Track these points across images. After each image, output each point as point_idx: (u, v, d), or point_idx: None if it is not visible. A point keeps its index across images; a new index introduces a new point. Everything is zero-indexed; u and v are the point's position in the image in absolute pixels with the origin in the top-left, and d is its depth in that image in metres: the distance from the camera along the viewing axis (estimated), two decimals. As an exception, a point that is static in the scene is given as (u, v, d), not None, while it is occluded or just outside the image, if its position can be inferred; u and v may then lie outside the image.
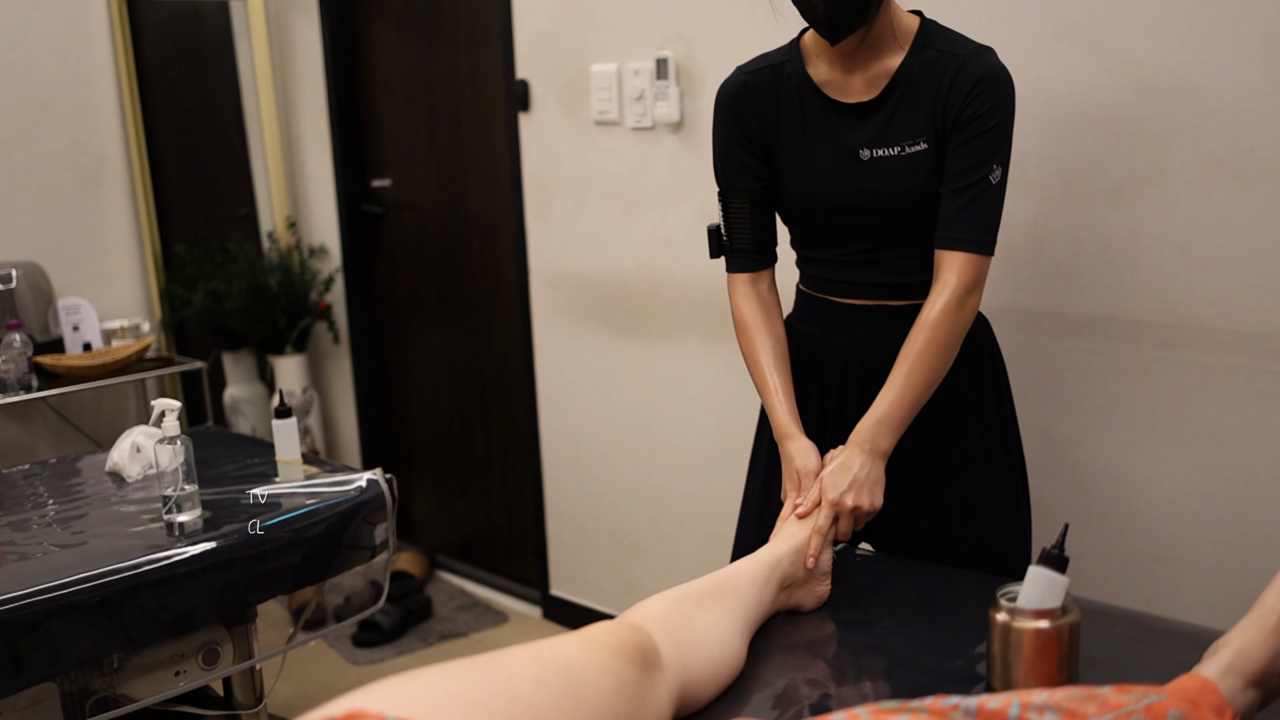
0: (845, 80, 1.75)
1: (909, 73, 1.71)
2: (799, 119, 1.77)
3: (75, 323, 3.46)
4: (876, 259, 1.80)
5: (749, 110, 1.80)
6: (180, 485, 2.04)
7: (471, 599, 3.75)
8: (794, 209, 1.83)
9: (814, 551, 1.57)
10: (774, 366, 1.82)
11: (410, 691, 0.90)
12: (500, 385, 3.66)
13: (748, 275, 1.87)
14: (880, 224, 1.76)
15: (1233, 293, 2.00)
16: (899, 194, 1.73)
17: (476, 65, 3.46)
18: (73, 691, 1.90)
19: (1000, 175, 1.69)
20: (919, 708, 0.96)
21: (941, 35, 1.73)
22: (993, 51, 1.71)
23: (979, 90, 1.66)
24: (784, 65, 1.79)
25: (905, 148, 1.71)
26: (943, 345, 1.67)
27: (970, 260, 1.68)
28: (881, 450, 1.66)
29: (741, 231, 1.85)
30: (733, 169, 1.84)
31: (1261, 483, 2.03)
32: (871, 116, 1.73)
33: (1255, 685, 1.16)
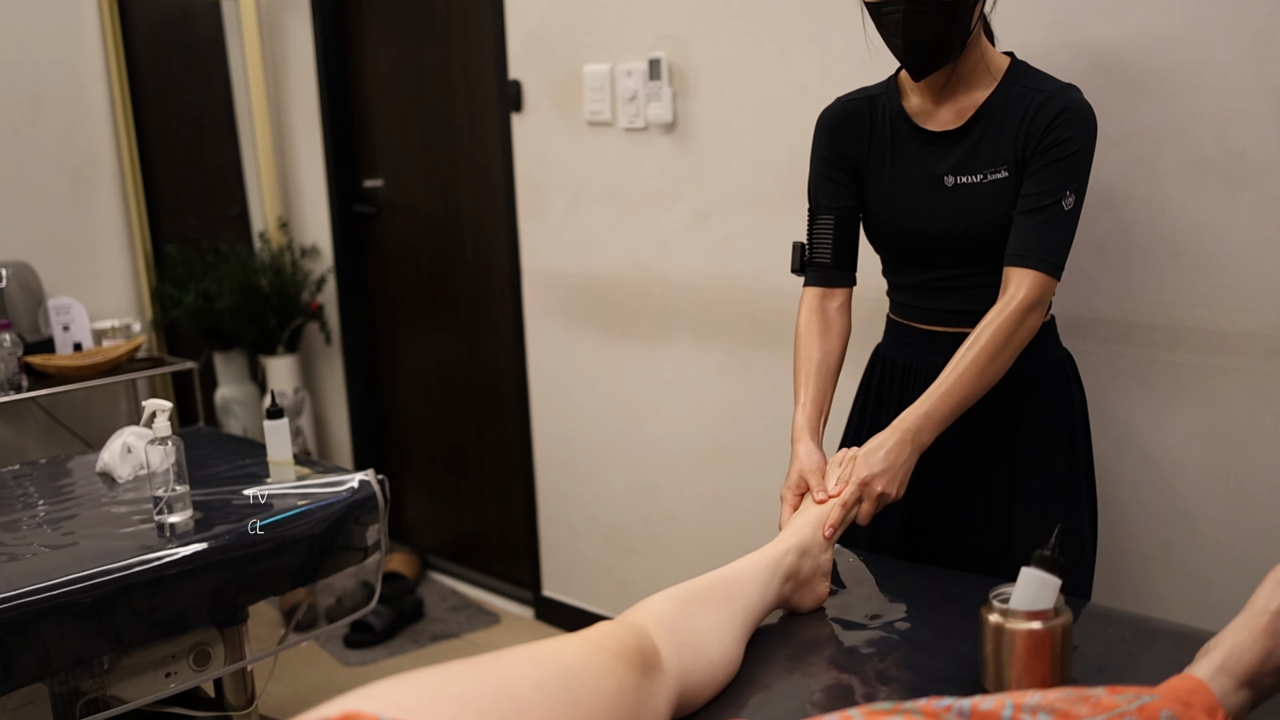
0: (935, 111, 1.82)
1: (995, 105, 1.77)
2: (888, 146, 1.85)
3: (66, 322, 3.45)
4: (960, 286, 1.84)
5: (844, 134, 1.89)
6: (171, 486, 2.03)
7: (463, 600, 3.74)
8: (881, 234, 1.89)
9: (834, 521, 1.58)
10: (809, 375, 1.86)
11: (406, 693, 0.90)
12: (492, 386, 3.66)
13: (819, 290, 1.92)
14: (962, 250, 1.81)
15: (1224, 294, 2.00)
16: (980, 220, 1.77)
17: (469, 65, 3.46)
18: (63, 693, 1.89)
19: (1074, 203, 1.72)
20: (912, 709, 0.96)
21: (1030, 73, 1.79)
22: (1078, 89, 1.76)
23: (1062, 120, 1.71)
24: (880, 97, 1.88)
25: (987, 175, 1.76)
26: (998, 351, 1.68)
27: (1036, 277, 1.70)
28: (922, 444, 1.67)
29: (822, 247, 1.91)
30: (823, 187, 1.91)
31: (1252, 484, 2.03)
32: (957, 145, 1.79)
33: (1247, 686, 1.16)
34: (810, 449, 1.76)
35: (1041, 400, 1.87)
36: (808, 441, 1.77)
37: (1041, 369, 1.86)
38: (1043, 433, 1.87)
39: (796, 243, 1.95)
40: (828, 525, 1.58)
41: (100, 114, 3.82)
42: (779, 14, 2.57)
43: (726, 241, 2.78)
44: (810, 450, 1.75)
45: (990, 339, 1.68)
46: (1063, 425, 1.89)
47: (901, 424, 1.67)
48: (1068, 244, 1.73)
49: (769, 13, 2.59)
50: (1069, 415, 1.90)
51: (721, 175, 2.76)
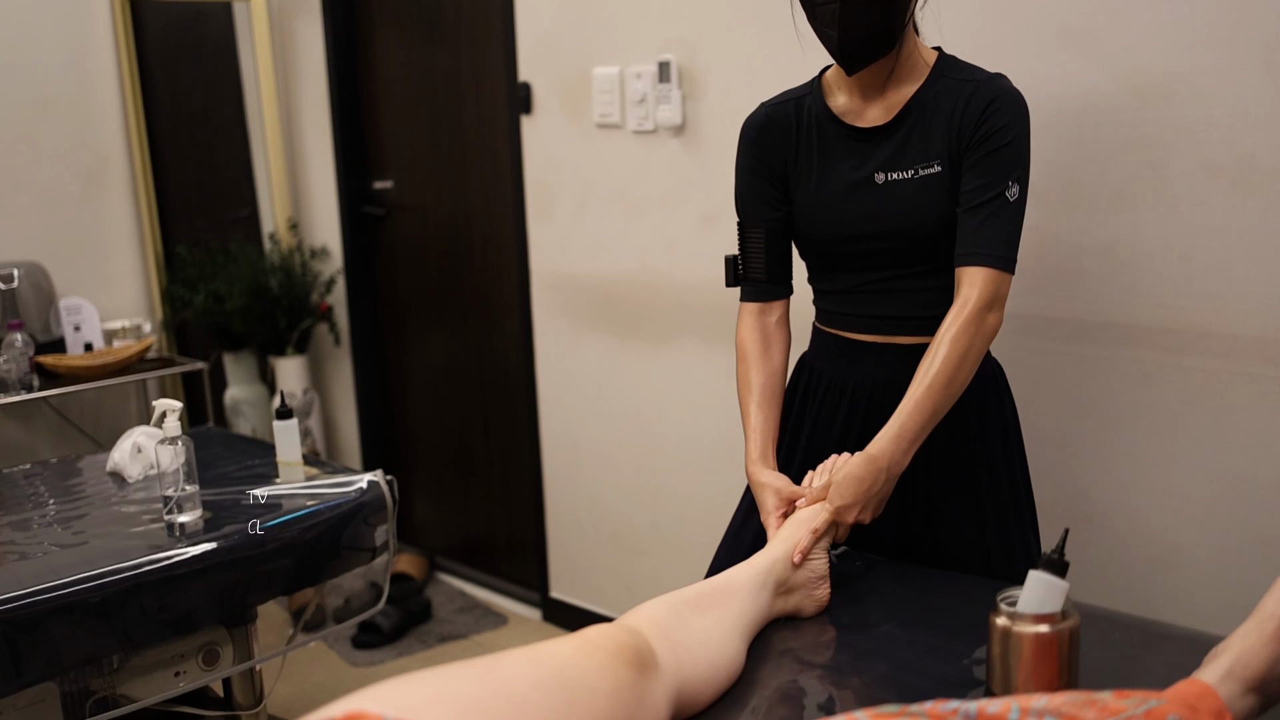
0: (863, 108, 1.78)
1: (924, 98, 1.73)
2: (815, 148, 1.80)
3: (77, 323, 3.46)
4: (890, 290, 1.80)
5: (770, 142, 1.84)
6: (181, 486, 2.04)
7: (471, 601, 3.75)
8: (810, 237, 1.84)
9: (803, 548, 1.56)
10: (756, 402, 1.85)
11: (409, 693, 0.91)
12: (501, 387, 3.66)
13: (757, 305, 1.90)
14: (894, 249, 1.77)
15: (1234, 298, 2.00)
16: (913, 217, 1.74)
17: (478, 67, 3.47)
18: (73, 691, 1.90)
19: (1018, 193, 1.69)
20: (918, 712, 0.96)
21: (957, 66, 1.77)
22: (1006, 78, 1.74)
23: (993, 109, 1.68)
24: (805, 98, 1.84)
25: (919, 170, 1.73)
26: (961, 359, 1.65)
27: (989, 275, 1.66)
28: (899, 466, 1.65)
29: (756, 261, 1.88)
30: (752, 199, 1.88)
31: (1261, 488, 2.03)
32: (886, 141, 1.75)
33: (1255, 691, 1.16)
34: (773, 474, 1.76)
35: (976, 403, 1.82)
36: (767, 470, 1.78)
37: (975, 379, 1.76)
38: (979, 440, 1.85)
39: (728, 256, 1.91)
40: (796, 551, 1.56)
41: (112, 115, 3.83)
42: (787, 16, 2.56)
43: (734, 245, 2.77)
44: (774, 474, 1.76)
45: (951, 345, 1.65)
46: (998, 432, 1.87)
47: (875, 452, 1.64)
48: (1017, 236, 1.70)
49: (778, 15, 2.59)
50: (1002, 421, 1.88)
51: (730, 178, 2.75)
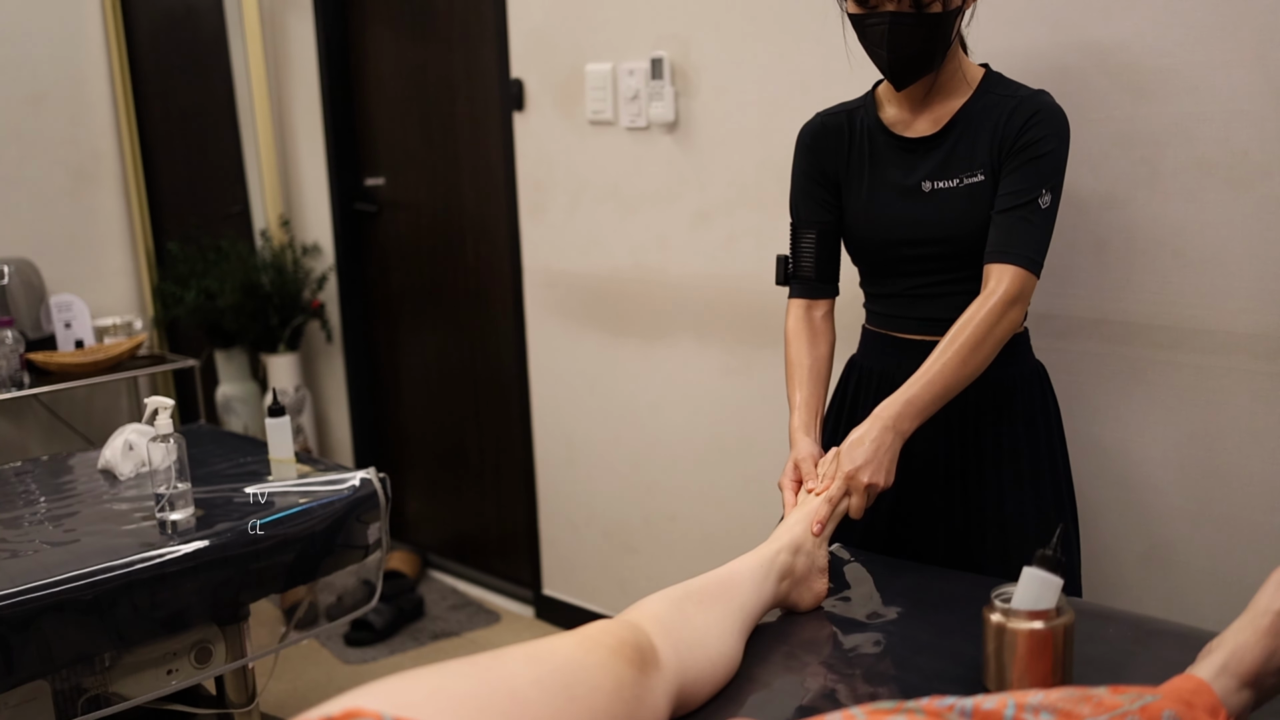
0: (912, 120, 1.85)
1: (970, 111, 1.81)
2: (866, 157, 1.88)
3: (67, 319, 3.45)
4: (938, 293, 1.86)
5: (823, 148, 1.92)
6: (173, 483, 2.03)
7: (464, 598, 3.74)
8: (860, 243, 1.92)
9: (821, 518, 1.59)
10: (801, 380, 1.91)
11: (408, 691, 0.90)
12: (493, 384, 3.66)
13: (804, 301, 1.97)
14: (940, 255, 1.83)
15: (1226, 294, 2.01)
16: (957, 225, 1.79)
17: (471, 64, 3.46)
18: (64, 689, 1.89)
19: (1050, 201, 1.74)
20: (915, 708, 0.96)
21: (1004, 82, 1.84)
22: (1050, 94, 1.80)
23: (1035, 121, 1.75)
24: (857, 110, 1.91)
25: (964, 179, 1.79)
26: (979, 343, 1.70)
27: (1015, 272, 1.72)
28: (903, 430, 1.67)
29: (806, 260, 1.95)
30: (805, 202, 1.95)
31: (1254, 484, 2.03)
32: (933, 151, 1.82)
33: (1249, 686, 1.16)
34: (807, 442, 1.81)
35: (1021, 407, 1.88)
36: (805, 438, 1.82)
37: (1019, 377, 1.89)
38: (1025, 440, 1.88)
39: (780, 255, 1.99)
40: (815, 522, 1.59)
41: (102, 111, 3.82)
42: (781, 14, 2.57)
43: (728, 241, 2.78)
44: (807, 443, 1.81)
45: (972, 332, 1.70)
46: (1042, 432, 1.91)
47: (882, 412, 1.68)
48: (1046, 242, 1.75)
49: (771, 12, 2.59)
50: (1047, 422, 1.92)
51: (723, 175, 2.76)
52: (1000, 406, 1.87)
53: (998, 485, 1.88)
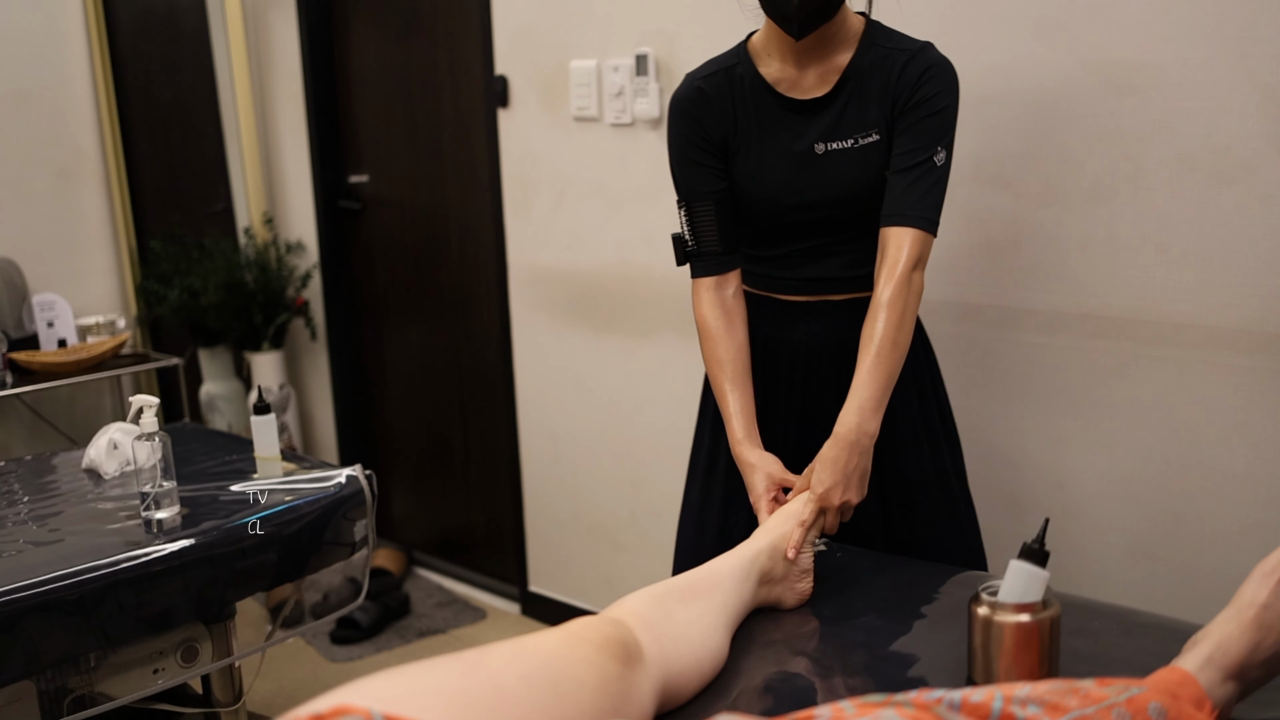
0: (798, 78, 1.79)
1: (859, 68, 1.76)
2: (754, 119, 1.81)
3: (50, 319, 3.44)
4: (825, 254, 1.84)
5: (707, 115, 1.82)
6: (158, 482, 2.02)
7: (450, 596, 3.74)
8: (750, 208, 1.85)
9: (795, 544, 1.57)
10: (730, 379, 1.83)
11: (396, 687, 0.90)
12: (479, 382, 3.66)
13: (713, 280, 1.87)
14: (834, 217, 1.80)
15: (1209, 289, 2.02)
16: (854, 185, 1.77)
17: (455, 61, 3.46)
18: (50, 690, 1.88)
19: (945, 159, 1.73)
20: (903, 701, 0.96)
21: (887, 33, 1.79)
22: (934, 46, 1.77)
23: (927, 77, 1.73)
24: (735, 68, 1.83)
25: (858, 140, 1.76)
26: (902, 320, 1.69)
27: (916, 236, 1.70)
28: (869, 435, 1.66)
29: (708, 234, 1.85)
30: (696, 173, 1.85)
31: (1237, 479, 2.04)
32: (825, 112, 1.78)
33: (1234, 678, 1.17)
34: (761, 454, 1.76)
35: (910, 371, 1.87)
36: (755, 449, 1.78)
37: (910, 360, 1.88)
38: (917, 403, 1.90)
39: (675, 235, 1.88)
40: (790, 548, 1.57)
41: (84, 109, 3.80)
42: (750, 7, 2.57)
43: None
44: (762, 455, 1.76)
45: (890, 310, 1.68)
46: (930, 394, 1.93)
47: (841, 430, 1.66)
48: (941, 200, 1.74)
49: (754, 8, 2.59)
50: (934, 383, 1.95)
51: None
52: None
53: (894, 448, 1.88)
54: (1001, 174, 2.21)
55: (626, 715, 1.08)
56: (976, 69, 2.21)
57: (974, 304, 2.30)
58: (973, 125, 2.22)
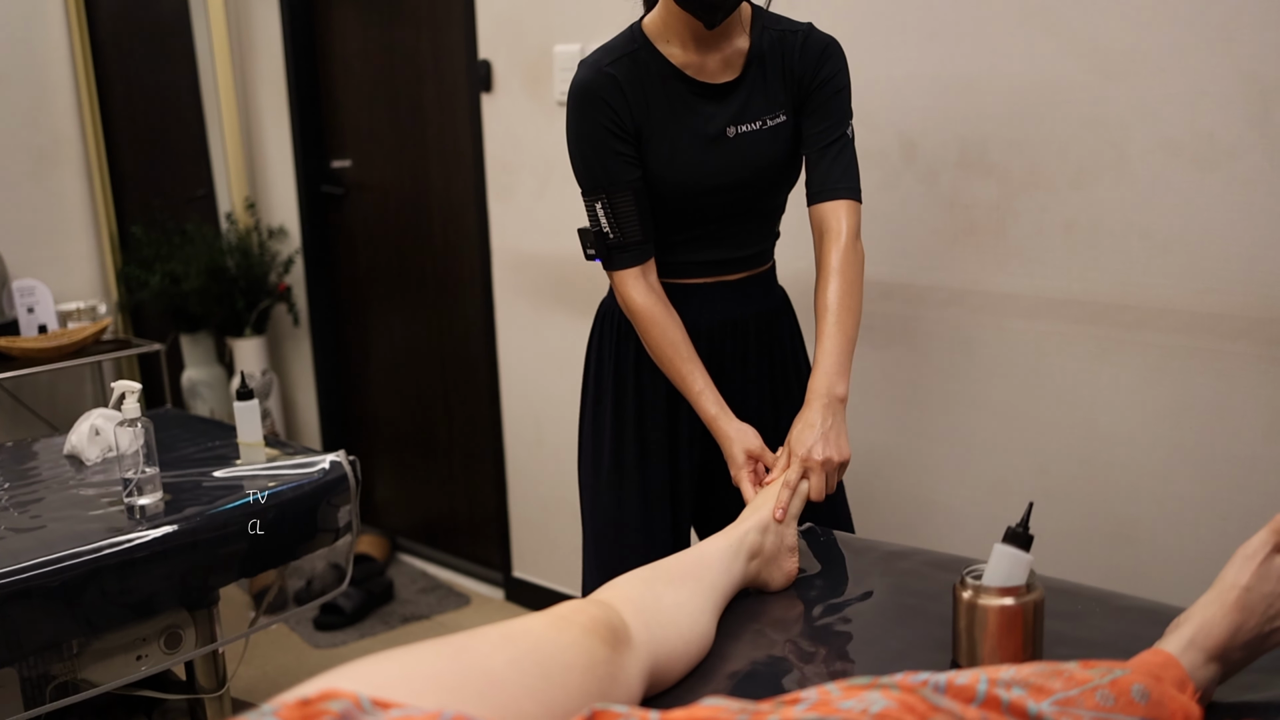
0: (703, 62, 1.82)
1: (759, 51, 1.82)
2: (665, 105, 1.81)
3: (30, 304, 3.41)
4: (722, 235, 1.90)
5: (620, 101, 1.80)
6: (141, 468, 2.02)
7: (433, 581, 3.74)
8: (665, 194, 1.85)
9: (783, 503, 1.59)
10: (687, 359, 1.84)
11: (383, 672, 0.90)
12: (462, 367, 3.65)
13: (638, 269, 1.85)
14: (742, 199, 1.86)
15: (1192, 275, 2.02)
16: (764, 166, 1.84)
17: (438, 45, 3.44)
18: (32, 677, 1.88)
19: (852, 132, 1.83)
20: (889, 683, 0.97)
21: (772, 16, 1.86)
22: (815, 26, 1.86)
23: (826, 57, 1.82)
24: (638, 53, 1.82)
25: (767, 121, 1.83)
26: (854, 284, 1.77)
27: (851, 206, 1.80)
28: (839, 396, 1.71)
29: (629, 224, 1.83)
30: (613, 162, 1.82)
31: (1219, 462, 2.05)
32: (733, 95, 1.83)
33: (1216, 660, 1.18)
34: (739, 426, 1.79)
35: (784, 333, 2.00)
36: (732, 422, 1.79)
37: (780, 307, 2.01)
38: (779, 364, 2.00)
39: (585, 229, 1.86)
40: (777, 508, 1.59)
41: (64, 92, 3.77)
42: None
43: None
44: (740, 427, 1.78)
45: (842, 276, 1.76)
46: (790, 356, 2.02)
47: (812, 394, 1.71)
48: (858, 170, 1.84)
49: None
50: (794, 345, 2.04)
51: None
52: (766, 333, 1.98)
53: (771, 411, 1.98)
54: (985, 159, 2.22)
55: (614, 697, 1.08)
56: (961, 54, 2.22)
57: (958, 289, 2.31)
58: (957, 111, 2.23)
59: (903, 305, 2.38)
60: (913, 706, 0.91)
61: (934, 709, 0.92)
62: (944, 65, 2.24)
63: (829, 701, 0.93)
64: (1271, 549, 1.21)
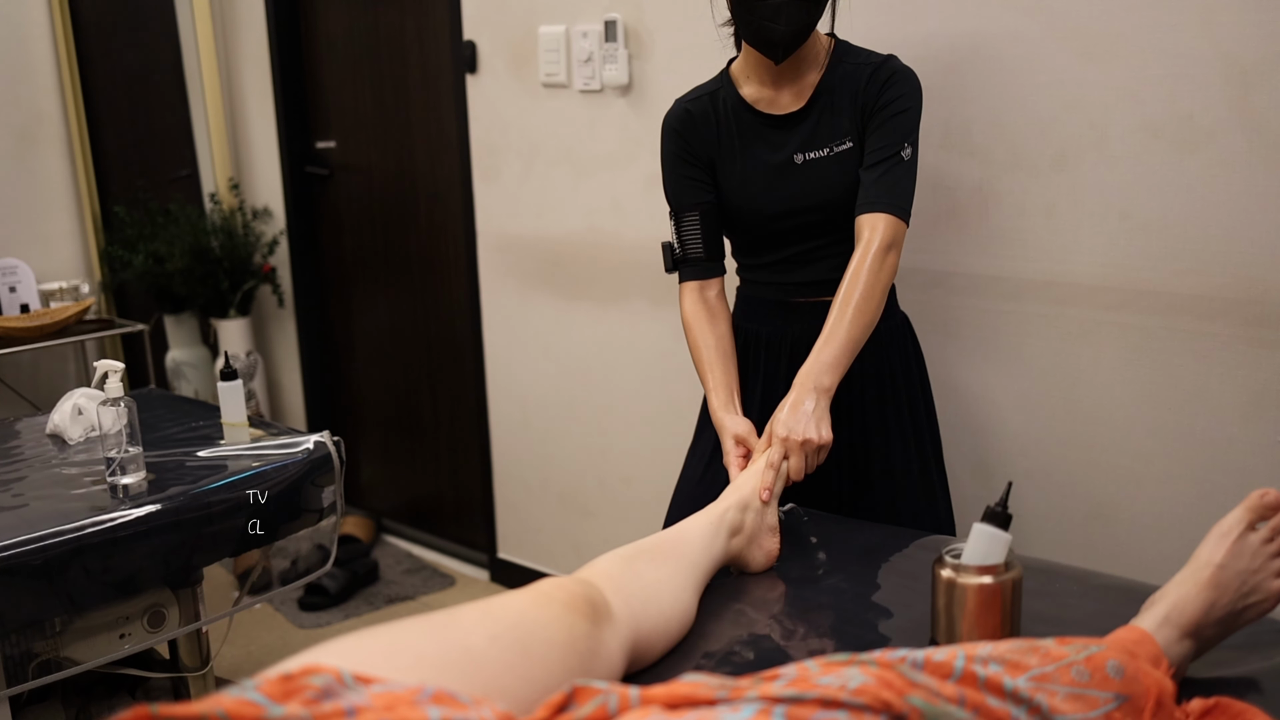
0: (775, 96, 1.93)
1: (830, 83, 1.89)
2: (736, 136, 1.94)
3: (12, 284, 3.40)
4: (814, 258, 1.96)
5: (693, 133, 1.96)
6: (124, 447, 2.01)
7: (418, 562, 3.75)
8: (739, 219, 1.98)
9: (768, 484, 1.63)
10: (713, 360, 1.94)
11: (365, 648, 0.91)
12: (447, 349, 3.65)
13: (697, 284, 2.00)
14: (817, 222, 1.92)
15: (1171, 256, 2.04)
16: (831, 191, 1.89)
17: (423, 26, 3.43)
18: (15, 654, 1.88)
19: (911, 154, 1.86)
20: (868, 660, 0.98)
21: (853, 51, 1.93)
22: (897, 58, 1.91)
23: (891, 83, 1.87)
24: (719, 92, 1.97)
25: (833, 148, 1.89)
26: (869, 293, 1.79)
27: (888, 220, 1.82)
28: (824, 387, 1.74)
29: (693, 242, 1.98)
30: (684, 187, 1.98)
31: (1196, 443, 2.07)
32: (801, 125, 1.91)
33: (1190, 636, 1.20)
34: (735, 418, 1.86)
35: (897, 355, 2.02)
36: (731, 415, 1.87)
37: (891, 329, 2.01)
38: (896, 389, 2.01)
39: (665, 243, 2.01)
40: (762, 488, 1.62)
41: (45, 71, 3.75)
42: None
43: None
44: (737, 419, 1.85)
45: (857, 282, 1.79)
46: (916, 382, 2.05)
47: (799, 378, 1.76)
48: (911, 191, 1.86)
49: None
50: (919, 371, 2.07)
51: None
52: (877, 355, 1.97)
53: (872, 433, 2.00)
54: (968, 141, 2.22)
55: (595, 673, 1.09)
56: (945, 36, 2.22)
57: (940, 270, 2.31)
58: (940, 93, 2.23)
59: (886, 287, 2.39)
60: (890, 682, 0.92)
61: (911, 685, 0.93)
62: (926, 47, 2.25)
63: (808, 677, 0.94)
64: (1246, 527, 1.23)
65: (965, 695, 0.97)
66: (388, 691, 0.82)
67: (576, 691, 0.91)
